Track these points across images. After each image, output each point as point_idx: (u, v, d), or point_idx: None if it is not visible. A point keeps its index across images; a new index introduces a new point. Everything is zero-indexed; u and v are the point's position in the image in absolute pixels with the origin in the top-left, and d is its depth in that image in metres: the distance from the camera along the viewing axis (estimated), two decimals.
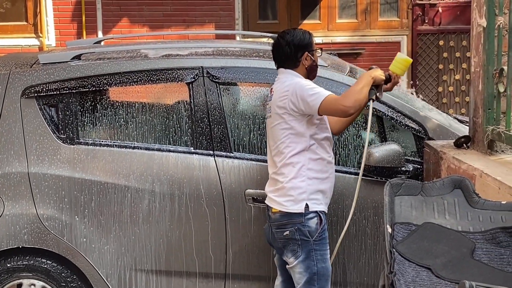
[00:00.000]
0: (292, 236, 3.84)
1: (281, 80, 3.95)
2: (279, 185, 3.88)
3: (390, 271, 2.76)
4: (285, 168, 3.86)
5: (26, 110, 4.34)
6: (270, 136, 3.96)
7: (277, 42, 4.03)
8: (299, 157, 3.85)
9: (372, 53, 10.14)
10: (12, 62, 4.54)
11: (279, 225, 3.88)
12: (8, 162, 4.29)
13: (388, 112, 4.45)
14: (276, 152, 3.90)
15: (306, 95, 3.77)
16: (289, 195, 3.84)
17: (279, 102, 3.85)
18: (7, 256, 4.32)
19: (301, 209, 3.83)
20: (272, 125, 3.92)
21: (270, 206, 3.93)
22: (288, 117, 3.84)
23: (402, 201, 3.13)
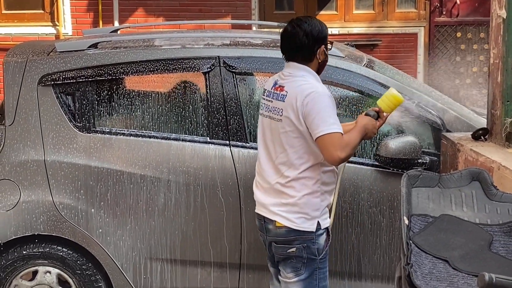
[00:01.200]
0: (299, 253, 3.54)
1: (297, 80, 3.51)
2: (288, 199, 3.52)
3: (406, 263, 2.75)
4: (297, 182, 3.50)
5: (42, 98, 4.35)
6: (276, 141, 3.54)
7: (291, 30, 3.57)
8: (314, 171, 3.51)
9: (389, 44, 10.08)
10: (29, 50, 4.55)
11: (284, 241, 3.55)
12: (25, 151, 4.31)
13: (406, 104, 4.42)
14: (285, 161, 3.51)
15: (320, 118, 3.38)
16: (302, 213, 3.50)
17: (296, 108, 3.44)
18: (23, 243, 4.34)
19: (313, 227, 3.52)
20: (282, 130, 3.50)
21: (272, 219, 3.57)
22: (298, 125, 3.46)
23: (419, 193, 3.11)
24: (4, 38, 9.29)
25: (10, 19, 9.41)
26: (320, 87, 3.49)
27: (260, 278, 4.39)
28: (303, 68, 3.56)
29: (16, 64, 4.38)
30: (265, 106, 3.63)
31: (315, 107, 3.39)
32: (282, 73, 3.63)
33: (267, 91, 3.65)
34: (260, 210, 3.66)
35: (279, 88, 3.56)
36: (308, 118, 3.40)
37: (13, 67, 4.37)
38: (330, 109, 3.41)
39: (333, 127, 3.38)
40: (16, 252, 4.34)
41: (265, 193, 3.62)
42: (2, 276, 4.33)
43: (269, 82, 3.68)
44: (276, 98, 3.55)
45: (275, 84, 3.60)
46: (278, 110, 3.52)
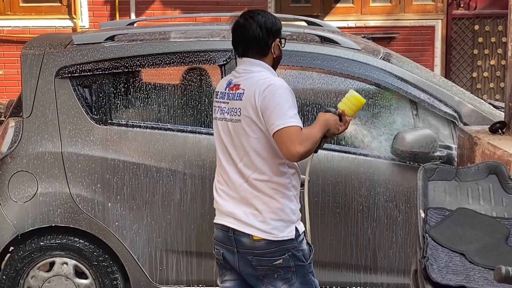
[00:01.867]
0: (286, 264, 3.25)
1: (253, 76, 3.23)
2: (259, 207, 3.21)
3: (423, 256, 2.75)
4: (266, 187, 3.20)
5: (60, 90, 4.37)
6: (237, 144, 3.24)
7: (243, 22, 3.29)
8: (282, 174, 3.22)
9: (406, 37, 10.03)
10: (47, 42, 4.57)
11: (265, 253, 3.24)
12: (42, 143, 4.33)
13: (422, 97, 4.41)
14: (249, 164, 3.22)
15: (277, 112, 3.10)
16: (279, 220, 3.21)
17: (255, 105, 3.16)
18: (41, 234, 4.37)
19: (292, 234, 3.24)
20: (241, 132, 3.21)
21: (247, 233, 3.23)
22: (259, 123, 3.17)
23: (435, 186, 3.10)
24: (22, 30, 9.34)
25: (27, 12, 9.45)
26: (279, 80, 3.22)
27: None
28: (259, 63, 3.29)
29: (34, 57, 4.41)
30: (220, 109, 3.32)
31: (272, 101, 3.11)
32: (235, 71, 3.34)
33: (220, 93, 3.35)
34: (226, 221, 3.30)
35: (235, 87, 3.27)
36: (265, 113, 3.12)
37: (30, 60, 4.40)
38: (289, 102, 3.13)
39: (291, 120, 3.09)
40: (33, 243, 4.37)
41: (232, 201, 3.28)
42: (19, 267, 4.37)
43: (221, 84, 3.39)
44: (232, 98, 3.26)
45: (229, 84, 3.31)
46: (236, 110, 3.23)
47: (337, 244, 4.36)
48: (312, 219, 4.26)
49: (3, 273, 4.40)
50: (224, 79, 3.41)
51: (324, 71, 4.43)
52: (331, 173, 4.31)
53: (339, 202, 4.31)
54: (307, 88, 4.45)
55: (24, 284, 4.42)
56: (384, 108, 4.43)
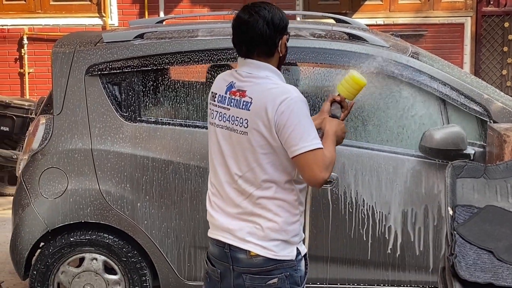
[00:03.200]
0: (281, 284, 2.98)
1: (262, 82, 2.93)
2: (261, 224, 2.96)
3: (450, 253, 2.74)
4: (271, 204, 2.95)
5: (90, 88, 4.42)
6: (240, 157, 2.96)
7: (248, 18, 2.94)
8: (290, 191, 2.97)
9: (434, 34, 9.97)
10: (77, 40, 4.62)
11: (261, 271, 2.98)
12: (72, 140, 4.38)
13: (451, 94, 4.38)
14: (252, 180, 2.95)
15: (299, 132, 2.84)
16: (280, 240, 2.96)
17: (269, 120, 2.86)
18: (71, 230, 4.42)
19: (293, 254, 3.00)
20: (247, 145, 2.93)
21: (244, 248, 2.98)
22: (271, 139, 2.90)
23: (464, 184, 3.09)
24: (52, 29, 9.45)
25: (58, 11, 9.56)
26: (293, 90, 2.91)
27: None
28: (265, 66, 2.96)
29: (64, 55, 4.46)
30: (219, 114, 3.02)
31: (292, 118, 2.83)
32: (237, 73, 3.00)
33: (218, 96, 3.03)
34: (222, 236, 3.05)
35: (239, 93, 2.95)
36: (284, 131, 2.85)
37: (61, 58, 4.45)
38: (308, 119, 2.87)
39: (315, 142, 2.85)
40: (63, 239, 4.42)
41: (229, 217, 3.03)
42: (50, 262, 4.43)
43: (219, 84, 3.07)
44: (235, 106, 2.95)
45: (230, 87, 2.98)
46: (241, 121, 2.92)
47: (365, 241, 4.36)
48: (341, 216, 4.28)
49: (34, 269, 4.46)
50: (222, 79, 3.07)
51: (351, 68, 4.41)
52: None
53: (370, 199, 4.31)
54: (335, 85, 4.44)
55: (55, 280, 4.48)
56: (412, 105, 4.40)
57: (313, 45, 4.47)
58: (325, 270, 4.40)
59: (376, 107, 4.40)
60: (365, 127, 4.37)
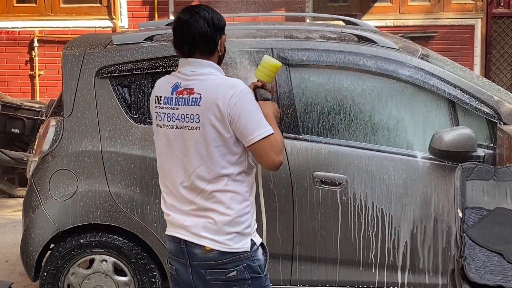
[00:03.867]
0: (241, 276, 3.07)
1: (208, 78, 3.05)
2: (214, 218, 3.05)
3: (460, 255, 2.74)
4: (223, 197, 3.04)
5: (100, 90, 4.43)
6: (191, 153, 3.04)
7: (189, 19, 3.07)
8: (241, 182, 3.07)
9: (444, 36, 9.95)
10: (87, 43, 4.64)
11: (218, 264, 3.06)
12: (83, 142, 4.40)
13: (461, 96, 4.37)
14: (204, 175, 3.04)
15: (254, 121, 2.98)
16: (233, 232, 3.05)
17: (221, 112, 2.98)
18: (80, 232, 4.44)
19: (247, 246, 3.09)
20: (200, 140, 3.02)
21: (199, 243, 3.07)
22: (224, 131, 3.00)
23: (473, 186, 3.09)
24: (62, 31, 9.48)
25: (68, 13, 9.59)
26: (240, 82, 3.05)
27: (312, 269, 4.41)
28: (208, 63, 3.09)
29: (74, 57, 4.48)
30: (167, 115, 3.09)
31: (245, 109, 2.97)
32: (181, 74, 3.11)
33: (165, 98, 3.11)
34: (177, 233, 3.14)
35: (186, 91, 3.04)
36: (238, 122, 2.97)
37: (71, 60, 4.47)
38: (258, 108, 3.04)
39: (268, 128, 3.00)
40: (73, 240, 4.44)
41: (183, 214, 3.12)
42: (60, 263, 4.44)
43: (163, 87, 3.16)
44: (184, 104, 3.04)
45: (176, 88, 3.08)
46: (192, 117, 3.02)
47: (375, 244, 4.35)
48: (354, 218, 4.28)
49: (44, 270, 4.48)
50: (165, 82, 3.16)
51: (361, 70, 4.42)
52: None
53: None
54: (345, 87, 4.44)
55: (65, 281, 4.49)
56: (422, 107, 4.40)
57: (323, 46, 4.47)
58: (335, 272, 4.40)
59: (385, 110, 4.39)
60: (373, 129, 4.37)
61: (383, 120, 4.38)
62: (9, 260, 6.17)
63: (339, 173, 4.30)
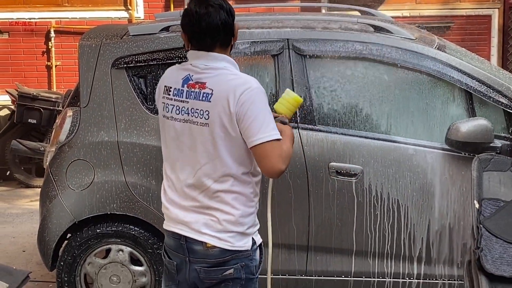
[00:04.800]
0: (237, 275, 3.00)
1: (221, 73, 2.94)
2: (218, 216, 2.98)
3: (476, 247, 2.73)
4: (229, 196, 2.96)
5: (116, 81, 4.45)
6: (199, 150, 2.96)
7: (209, 11, 2.92)
8: (247, 183, 3.00)
9: (461, 27, 9.89)
10: (103, 33, 4.65)
11: (218, 263, 2.99)
12: (99, 132, 4.42)
13: (478, 87, 4.35)
14: (211, 172, 2.95)
15: (259, 122, 2.86)
16: (236, 232, 2.99)
17: (230, 110, 2.87)
18: (97, 222, 4.47)
19: (248, 245, 3.03)
20: (208, 137, 2.93)
21: (200, 240, 3.00)
22: (231, 130, 2.90)
23: (490, 177, 3.08)
24: (79, 22, 9.51)
25: (84, 4, 9.62)
26: (253, 81, 2.93)
27: (327, 260, 4.41)
28: (222, 57, 2.97)
29: (90, 48, 4.49)
30: (176, 107, 2.99)
31: (253, 108, 2.85)
32: (192, 66, 2.99)
33: (174, 89, 3.01)
34: (178, 229, 3.06)
35: (198, 85, 2.94)
36: (244, 121, 2.86)
37: (87, 51, 4.49)
38: (268, 110, 2.90)
39: (274, 133, 2.87)
40: (90, 230, 4.47)
41: (184, 210, 3.04)
42: (76, 253, 4.47)
43: (174, 78, 3.04)
44: (195, 98, 2.93)
45: (187, 80, 2.97)
46: (202, 113, 2.91)
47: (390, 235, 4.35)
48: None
49: (61, 260, 4.51)
50: (175, 72, 3.06)
51: (377, 61, 4.40)
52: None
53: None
54: (360, 78, 4.43)
55: (81, 271, 4.52)
56: (438, 98, 4.38)
57: (339, 37, 4.47)
58: (350, 263, 4.40)
59: (401, 100, 4.38)
60: (389, 120, 4.36)
61: (399, 111, 4.37)
62: (26, 250, 6.22)
63: (354, 164, 4.30)
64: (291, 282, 4.47)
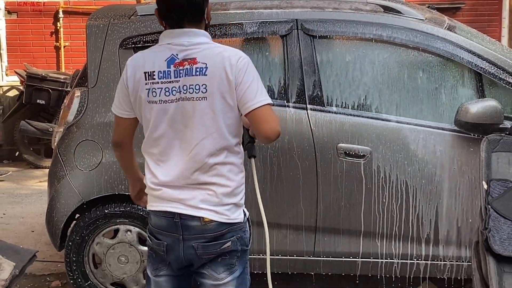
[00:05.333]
0: (234, 247, 3.03)
1: (209, 47, 2.95)
2: (215, 190, 2.98)
3: (484, 227, 2.72)
4: (223, 169, 2.98)
5: (124, 61, 4.37)
6: (195, 126, 2.94)
7: None
8: (238, 153, 3.04)
9: (472, 7, 9.82)
10: (111, 13, 4.64)
11: (216, 236, 3.00)
12: (107, 113, 4.41)
13: (488, 68, 4.32)
14: (208, 147, 2.95)
15: (256, 87, 2.91)
16: (231, 204, 3.01)
17: (228, 79, 2.89)
18: (105, 202, 4.47)
19: (241, 216, 3.05)
20: (207, 110, 2.92)
21: (197, 215, 2.98)
22: (230, 100, 2.92)
23: (499, 158, 3.06)
24: (87, 2, 9.50)
25: None
26: (240, 51, 3.00)
27: (335, 241, 4.41)
28: (202, 32, 3.01)
29: (98, 28, 4.48)
30: (164, 90, 2.95)
31: (248, 74, 2.91)
32: (175, 45, 2.97)
33: (160, 73, 2.96)
34: (171, 207, 3.02)
35: (188, 62, 2.93)
36: (241, 87, 2.89)
37: (95, 31, 4.47)
38: (259, 77, 2.98)
39: (268, 97, 2.94)
40: (98, 211, 4.48)
41: (179, 189, 3.01)
42: (85, 233, 4.49)
43: (151, 62, 2.99)
44: (186, 75, 2.92)
45: (173, 60, 2.95)
46: (198, 87, 2.91)
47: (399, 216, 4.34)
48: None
49: (69, 240, 4.53)
50: (152, 56, 3.00)
51: (387, 41, 4.37)
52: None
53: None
54: (370, 59, 4.41)
55: (90, 251, 4.54)
56: (448, 79, 4.36)
57: (348, 17, 4.44)
58: (358, 245, 4.40)
59: (410, 81, 4.36)
60: (397, 101, 4.34)
61: (408, 92, 4.35)
62: (35, 230, 6.26)
63: (363, 145, 4.28)
64: (299, 263, 4.48)
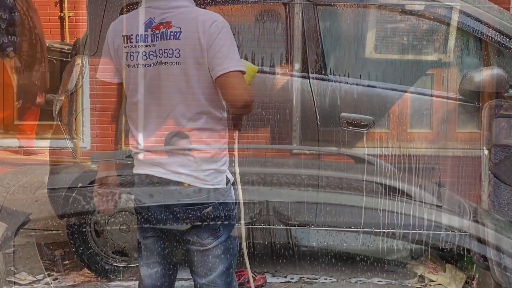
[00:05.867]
0: (215, 212, 2.97)
1: (186, 11, 2.89)
2: (194, 155, 2.94)
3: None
4: (202, 135, 2.93)
5: None
6: (172, 90, 2.89)
7: None
8: (219, 120, 2.95)
9: None
10: None
11: (196, 201, 2.97)
12: None
13: (494, 36, 4.27)
14: (184, 112, 2.90)
15: (227, 51, 2.80)
16: (211, 169, 2.95)
17: (200, 43, 2.81)
18: None
19: (223, 182, 2.98)
20: (181, 76, 2.86)
21: (177, 180, 2.94)
22: (204, 64, 2.84)
23: (501, 123, 3.03)
24: None
25: None
26: (219, 16, 2.87)
27: (336, 211, 4.40)
28: None
29: None
30: (142, 53, 2.90)
31: (220, 38, 2.80)
32: (154, 8, 2.92)
33: (136, 36, 2.91)
34: (152, 171, 2.99)
35: (163, 26, 2.86)
36: (211, 50, 2.80)
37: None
38: (234, 43, 2.85)
39: (240, 64, 2.83)
40: None
41: (158, 153, 2.99)
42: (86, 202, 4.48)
43: (131, 25, 2.94)
44: (162, 38, 2.85)
45: (150, 23, 2.89)
46: (171, 52, 2.84)
47: None
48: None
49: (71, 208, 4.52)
50: (132, 20, 2.95)
51: (390, 9, 4.34)
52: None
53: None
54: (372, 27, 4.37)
55: (91, 219, 4.53)
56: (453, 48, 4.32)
57: None
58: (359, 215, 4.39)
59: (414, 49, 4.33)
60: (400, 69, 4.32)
61: (410, 60, 4.32)
62: (39, 200, 6.26)
63: (365, 115, 4.25)
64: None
